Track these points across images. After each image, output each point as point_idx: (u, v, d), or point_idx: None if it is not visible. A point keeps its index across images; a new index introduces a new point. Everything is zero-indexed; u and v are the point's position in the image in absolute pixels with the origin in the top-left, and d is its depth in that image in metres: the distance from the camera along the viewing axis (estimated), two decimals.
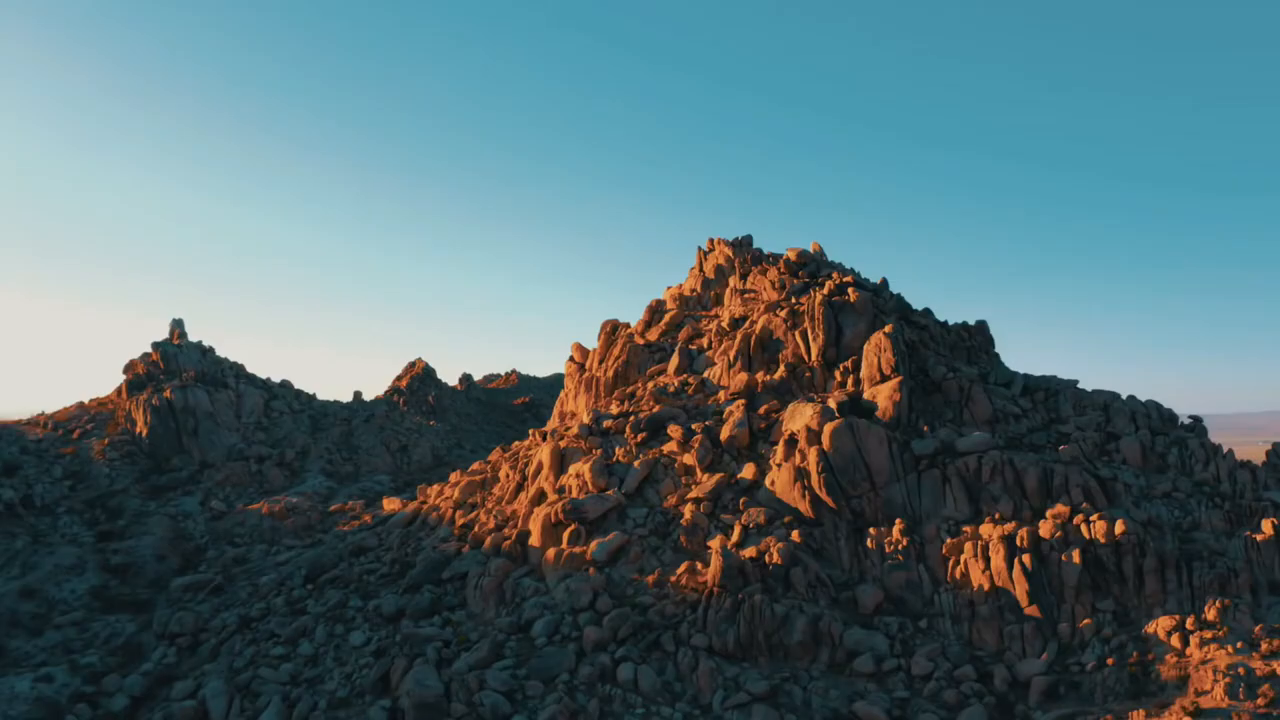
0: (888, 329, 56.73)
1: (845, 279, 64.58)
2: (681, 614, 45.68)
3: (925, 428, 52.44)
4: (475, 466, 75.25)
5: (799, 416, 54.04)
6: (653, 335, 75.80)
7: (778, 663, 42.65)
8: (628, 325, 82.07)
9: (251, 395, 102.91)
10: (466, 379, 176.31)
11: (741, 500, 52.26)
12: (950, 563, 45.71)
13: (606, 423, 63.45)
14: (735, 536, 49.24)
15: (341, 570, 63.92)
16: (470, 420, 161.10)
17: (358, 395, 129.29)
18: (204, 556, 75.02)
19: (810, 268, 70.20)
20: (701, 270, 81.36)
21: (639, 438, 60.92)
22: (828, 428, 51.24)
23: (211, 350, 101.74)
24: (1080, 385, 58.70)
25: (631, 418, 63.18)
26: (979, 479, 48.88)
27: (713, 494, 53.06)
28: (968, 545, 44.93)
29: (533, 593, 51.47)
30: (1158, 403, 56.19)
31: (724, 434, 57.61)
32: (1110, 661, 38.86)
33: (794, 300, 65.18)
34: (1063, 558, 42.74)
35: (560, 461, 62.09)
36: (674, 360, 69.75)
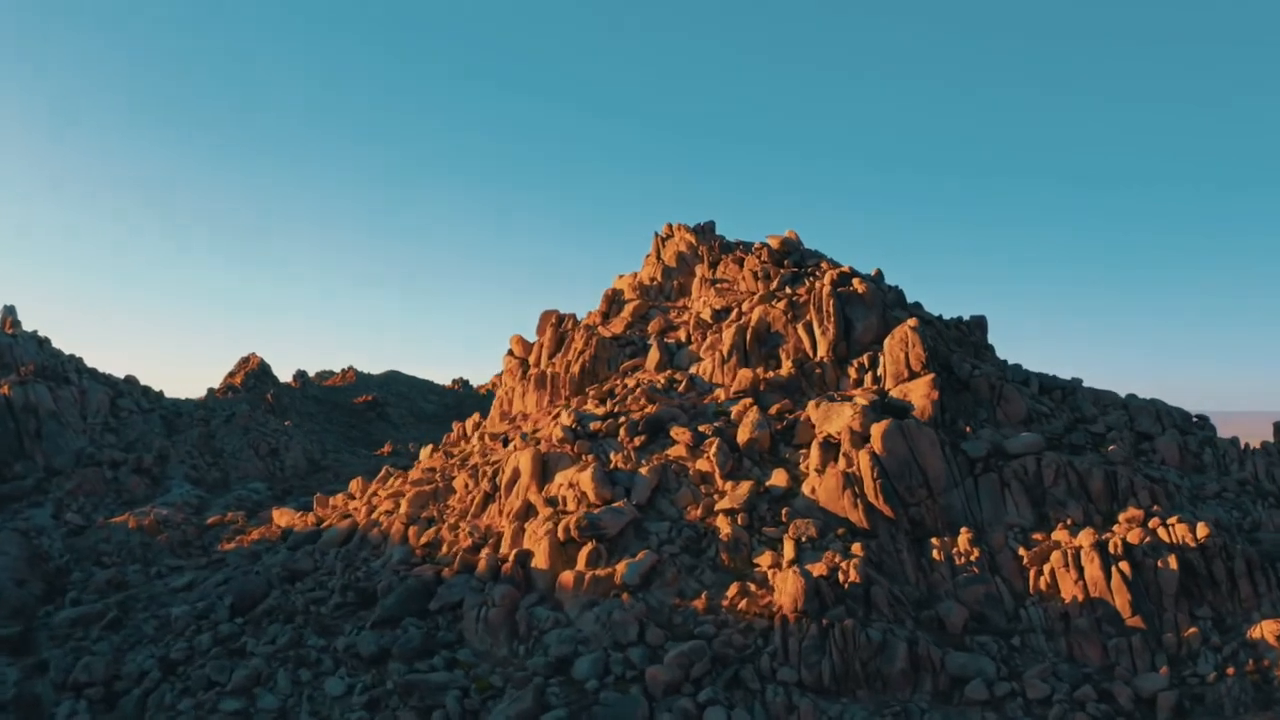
0: (912, 322, 53.98)
1: (841, 269, 61.49)
2: (752, 644, 40.52)
3: (967, 428, 49.88)
4: (415, 475, 66.39)
5: (836, 417, 50.12)
6: (617, 328, 69.77)
7: (878, 695, 38.45)
8: (572, 316, 75.49)
9: (96, 392, 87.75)
10: (302, 376, 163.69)
11: (784, 511, 47.67)
12: (1032, 573, 43.16)
13: (594, 424, 57.01)
14: (788, 552, 44.56)
15: (277, 600, 54.31)
16: (312, 420, 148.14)
17: (212, 393, 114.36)
18: (69, 580, 62.35)
19: (794, 257, 66.66)
20: (659, 258, 76.03)
21: (637, 441, 55.05)
22: (876, 429, 47.65)
23: (48, 341, 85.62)
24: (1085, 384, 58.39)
25: (623, 419, 57.11)
26: (1040, 483, 46.81)
27: (747, 504, 48.09)
28: (1055, 554, 42.54)
29: (552, 624, 44.59)
30: (1162, 401, 56.65)
31: (741, 436, 52.86)
32: (1230, 671, 37.31)
33: (790, 291, 61.31)
34: (1158, 564, 41.06)
35: (543, 469, 55.08)
36: (653, 354, 64.16)
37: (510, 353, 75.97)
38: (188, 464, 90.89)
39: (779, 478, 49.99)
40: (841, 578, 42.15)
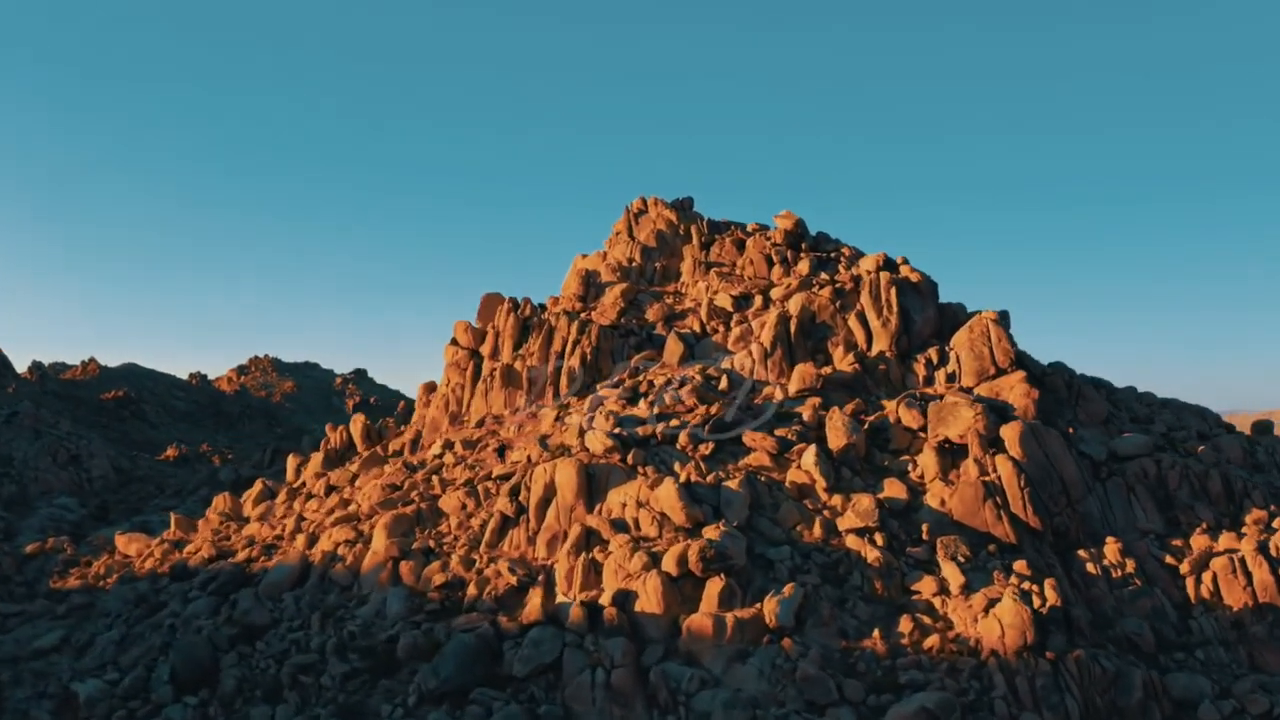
0: (992, 314, 51.18)
1: (874, 256, 57.60)
2: (969, 688, 35.25)
3: (1070, 429, 47.85)
4: (370, 493, 53.81)
5: (954, 419, 46.02)
6: (607, 315, 61.06)
7: None
8: (528, 300, 65.60)
9: None
10: (39, 368, 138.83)
11: (924, 527, 42.76)
12: (1190, 581, 41.59)
13: (643, 429, 48.72)
14: (952, 575, 39.77)
15: (240, 668, 41.96)
16: (62, 418, 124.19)
17: None
18: None
19: (809, 240, 61.81)
20: (632, 236, 67.91)
21: (704, 449, 47.68)
22: (1009, 433, 44.23)
23: None
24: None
25: (672, 421, 49.33)
26: (1163, 485, 45.63)
27: (879, 521, 42.65)
28: (1217, 561, 41.22)
29: (697, 684, 36.56)
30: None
31: (833, 442, 47.37)
32: None
33: (829, 278, 56.41)
34: None
35: (589, 484, 46.14)
36: (673, 346, 56.61)
37: (454, 342, 64.53)
38: None
39: (894, 488, 45.10)
40: (1037, 602, 37.91)
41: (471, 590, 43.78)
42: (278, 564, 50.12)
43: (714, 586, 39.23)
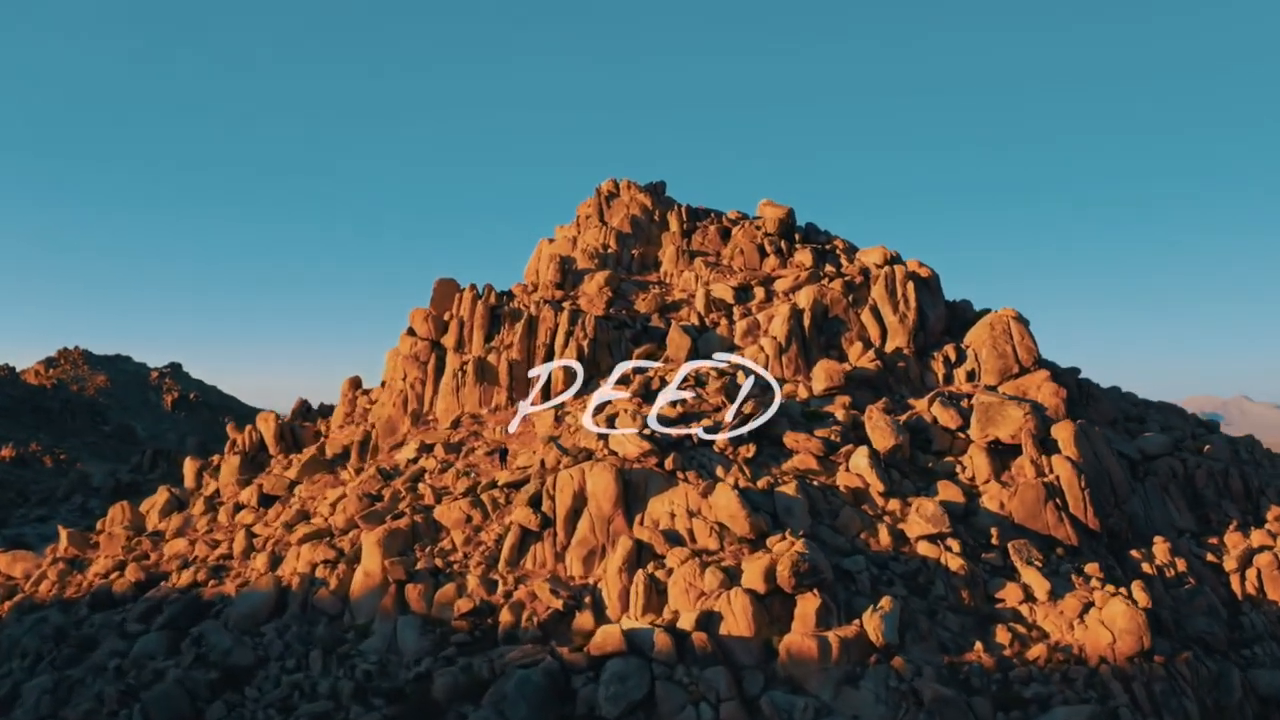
0: (1011, 311, 50.96)
1: (874, 249, 56.33)
2: (1088, 698, 34.13)
3: (1097, 429, 48.25)
4: (368, 506, 46.86)
5: (1004, 420, 45.18)
6: (597, 307, 56.37)
7: None
8: (489, 287, 59.93)
9: None
10: None
11: (994, 531, 41.56)
12: (1235, 579, 42.67)
13: (675, 430, 44.94)
14: (1036, 582, 38.72)
15: None
16: None
17: None
18: None
19: (801, 231, 59.70)
20: (603, 220, 63.32)
21: (745, 451, 44.51)
22: (1064, 433, 43.96)
23: None
24: None
25: (705, 420, 45.84)
26: (1191, 484, 46.75)
27: (951, 526, 41.06)
28: (1260, 558, 42.53)
29: (812, 714, 33.41)
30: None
31: (879, 443, 45.44)
32: None
33: (836, 271, 54.49)
34: None
35: (625, 492, 42.02)
36: (679, 340, 52.91)
37: (411, 332, 57.89)
38: None
39: (949, 491, 43.76)
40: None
41: (505, 617, 38.53)
42: (243, 590, 42.53)
43: (809, 604, 36.12)
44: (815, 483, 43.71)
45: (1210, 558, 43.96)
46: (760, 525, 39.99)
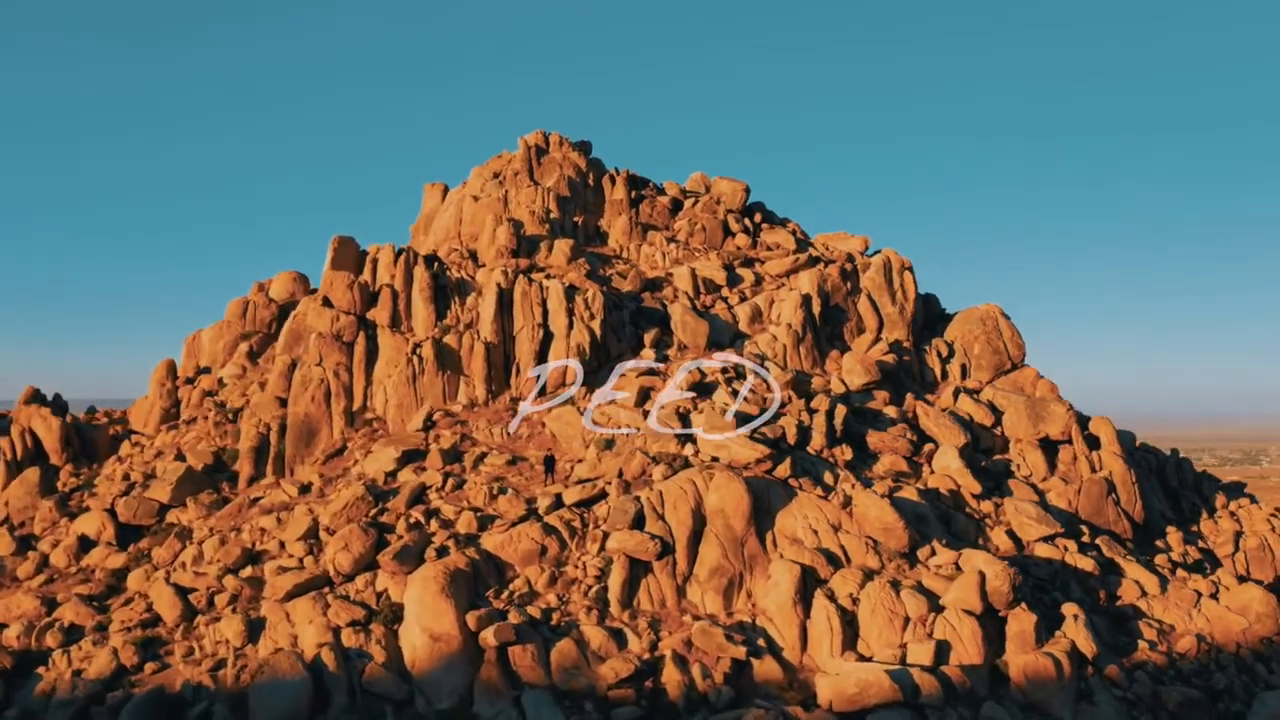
0: (998, 308, 52.21)
1: (863, 238, 54.60)
2: (1235, 682, 35.69)
3: None
4: (369, 538, 33.86)
5: (1050, 417, 45.85)
6: (578, 280, 47.11)
7: None
8: (407, 248, 47.97)
9: None
10: None
11: (1083, 530, 41.75)
12: (1228, 562, 47.59)
13: (770, 430, 39.14)
14: (1143, 575, 39.73)
15: None
16: None
17: None
18: None
19: (760, 212, 55.77)
20: (533, 178, 53.52)
21: (842, 454, 40.30)
22: (1105, 429, 45.77)
23: None
24: None
25: (783, 419, 40.60)
26: (1162, 476, 51.27)
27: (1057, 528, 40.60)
28: (1246, 542, 47.83)
29: None
30: None
31: (951, 442, 43.51)
32: None
33: (822, 256, 51.63)
34: None
35: (757, 506, 35.85)
36: (695, 326, 46.06)
37: (327, 303, 44.15)
38: None
39: (1021, 490, 43.20)
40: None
41: (671, 675, 30.25)
42: (244, 681, 28.48)
43: (1025, 620, 33.07)
44: (916, 486, 40.55)
45: (1201, 544, 48.40)
46: (916, 538, 35.99)
